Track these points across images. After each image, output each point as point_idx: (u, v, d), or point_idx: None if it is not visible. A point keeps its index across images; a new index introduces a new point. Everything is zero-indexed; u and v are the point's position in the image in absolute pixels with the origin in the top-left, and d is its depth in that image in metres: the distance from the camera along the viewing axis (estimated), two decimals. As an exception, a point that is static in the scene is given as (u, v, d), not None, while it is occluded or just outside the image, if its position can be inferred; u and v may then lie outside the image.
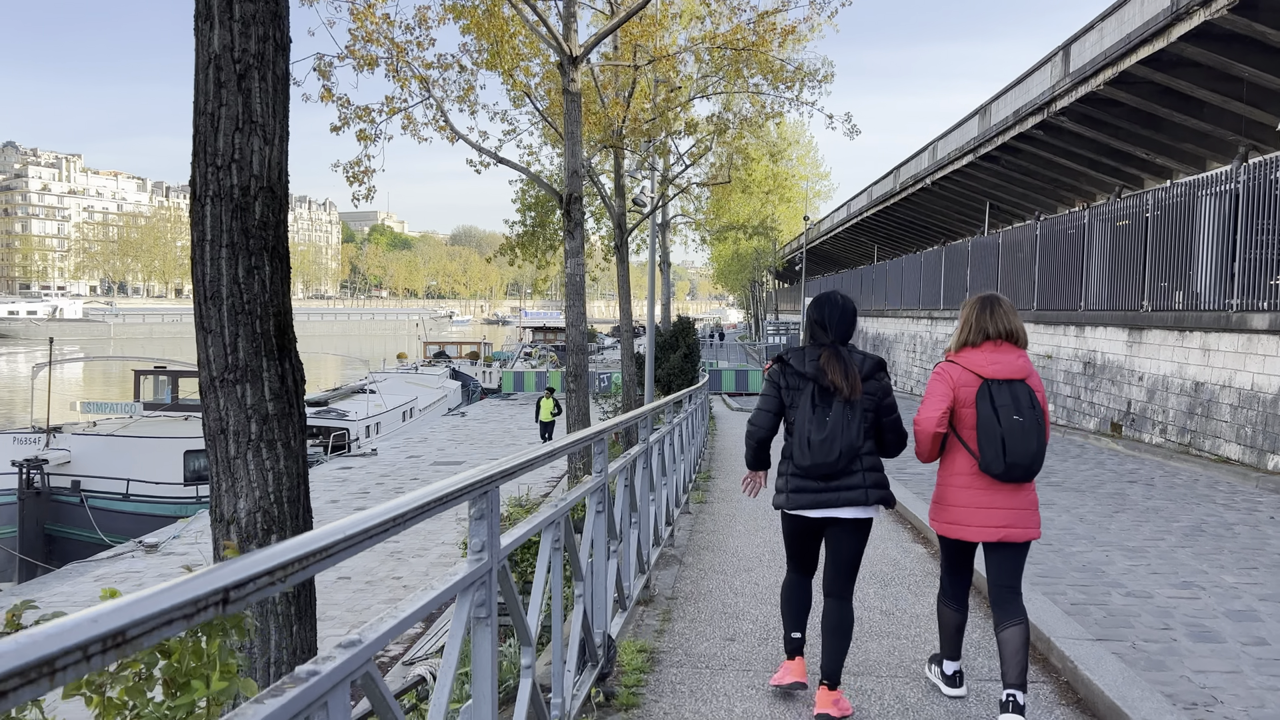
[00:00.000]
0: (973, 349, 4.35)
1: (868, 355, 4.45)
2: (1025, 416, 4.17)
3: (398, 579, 13.42)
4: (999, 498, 4.23)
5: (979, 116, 29.23)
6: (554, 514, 3.55)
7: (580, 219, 11.67)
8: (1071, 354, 19.96)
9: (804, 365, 4.34)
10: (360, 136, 13.19)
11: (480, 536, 2.58)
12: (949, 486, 4.37)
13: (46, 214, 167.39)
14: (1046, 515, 9.94)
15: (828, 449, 4.18)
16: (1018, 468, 4.16)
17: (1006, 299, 4.50)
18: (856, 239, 55.33)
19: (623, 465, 4.85)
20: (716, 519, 9.21)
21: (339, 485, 20.84)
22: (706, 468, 13.51)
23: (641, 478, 5.57)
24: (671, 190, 22.64)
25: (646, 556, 5.70)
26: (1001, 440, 4.12)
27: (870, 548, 6.40)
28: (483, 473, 2.53)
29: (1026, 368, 4.33)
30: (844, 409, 4.23)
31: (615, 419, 4.95)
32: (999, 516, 4.22)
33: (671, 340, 31.29)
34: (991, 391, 4.20)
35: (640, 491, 5.51)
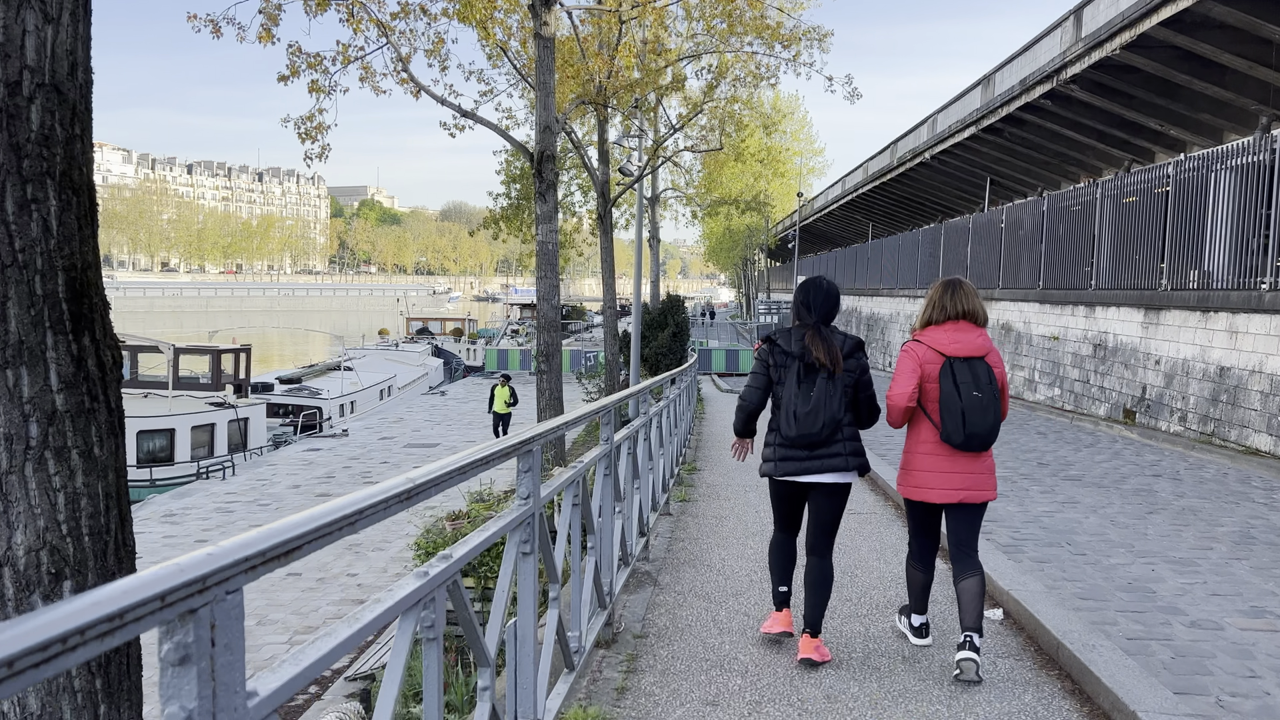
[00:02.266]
0: (936, 327, 4.72)
1: (848, 336, 4.81)
2: (984, 393, 4.55)
3: (353, 576, 12.28)
4: (959, 463, 4.65)
5: (982, 87, 27.99)
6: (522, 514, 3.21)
7: (554, 180, 10.44)
8: (1080, 335, 18.87)
9: (790, 344, 4.73)
10: (312, 88, 11.90)
11: (527, 486, 3.04)
12: (914, 454, 4.77)
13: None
14: (1072, 515, 8.86)
15: (812, 420, 4.58)
16: (976, 438, 4.56)
17: (969, 282, 4.86)
18: (851, 216, 54.09)
19: (572, 478, 3.69)
20: (701, 523, 8.04)
21: (304, 469, 19.66)
22: (692, 457, 12.34)
23: (603, 486, 4.41)
24: (661, 157, 21.42)
25: (611, 585, 4.54)
26: (962, 414, 4.52)
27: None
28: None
29: (986, 346, 4.67)
30: (826, 384, 4.62)
31: (565, 416, 3.82)
32: (958, 480, 4.65)
33: (660, 318, 30.12)
34: (954, 369, 4.57)
35: (602, 506, 4.36)
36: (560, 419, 3.59)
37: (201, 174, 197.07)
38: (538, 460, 3.07)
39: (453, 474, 2.15)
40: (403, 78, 12.34)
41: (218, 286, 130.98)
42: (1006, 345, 22.82)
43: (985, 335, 4.72)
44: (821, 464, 4.65)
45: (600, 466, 4.37)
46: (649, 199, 34.92)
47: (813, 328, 4.74)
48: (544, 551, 3.16)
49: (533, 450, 3.02)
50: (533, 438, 2.97)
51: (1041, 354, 20.79)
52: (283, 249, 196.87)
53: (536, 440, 3.02)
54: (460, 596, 2.31)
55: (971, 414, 4.52)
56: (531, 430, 3.05)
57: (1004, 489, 10.36)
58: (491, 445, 2.61)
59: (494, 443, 2.67)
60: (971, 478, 4.68)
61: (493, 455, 2.51)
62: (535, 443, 3.01)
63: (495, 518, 2.81)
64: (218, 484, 18.39)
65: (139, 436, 18.77)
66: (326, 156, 12.43)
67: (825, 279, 4.94)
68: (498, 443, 2.69)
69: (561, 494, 3.51)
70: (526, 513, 2.98)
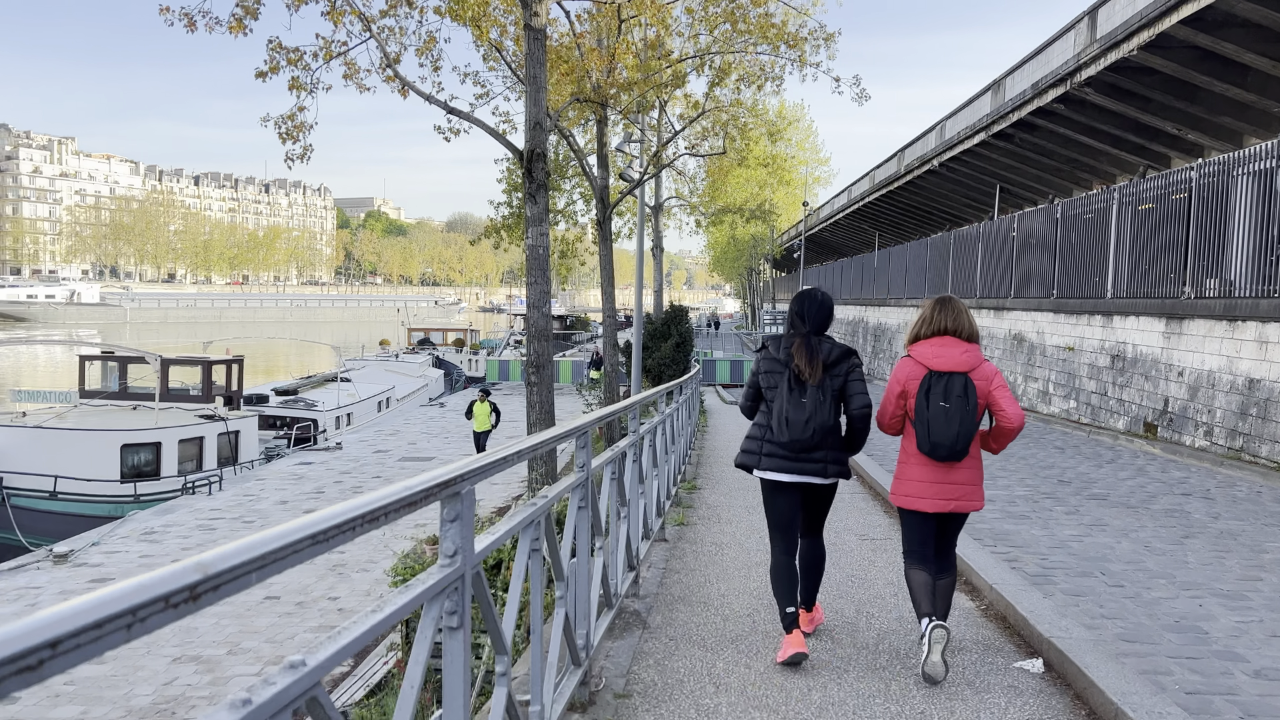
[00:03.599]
0: (924, 341, 4.92)
1: (837, 344, 4.95)
2: (951, 404, 4.68)
3: (334, 600, 11.61)
4: (944, 473, 4.78)
5: (992, 92, 27.37)
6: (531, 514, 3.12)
7: (544, 180, 9.81)
8: (1097, 346, 18.18)
9: (779, 352, 4.92)
10: (293, 85, 11.30)
11: (453, 540, 2.36)
12: (905, 464, 4.93)
13: (38, 196, 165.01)
14: (1102, 540, 8.18)
15: (804, 427, 4.72)
16: (941, 448, 4.69)
17: (960, 300, 5.08)
18: (857, 226, 53.48)
19: (530, 517, 3.03)
20: (700, 550, 7.35)
21: (294, 483, 19.02)
22: (693, 474, 11.66)
23: (578, 521, 3.76)
24: (663, 161, 20.76)
25: (588, 638, 3.86)
26: (928, 424, 4.69)
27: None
28: (451, 472, 2.30)
29: (971, 362, 4.80)
30: (816, 391, 4.76)
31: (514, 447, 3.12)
32: (948, 490, 4.79)
33: (663, 328, 29.44)
34: (930, 383, 4.74)
35: (577, 544, 3.70)
36: (493, 454, 2.85)
37: (208, 185, 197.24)
38: (469, 505, 2.35)
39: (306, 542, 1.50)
40: (389, 75, 11.73)
41: (230, 298, 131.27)
42: (1019, 356, 22.14)
43: (974, 351, 4.88)
44: (803, 467, 4.85)
45: (575, 497, 3.72)
46: (652, 207, 34.29)
47: (803, 337, 4.92)
48: (486, 618, 2.49)
49: (461, 493, 2.30)
50: (459, 477, 2.26)
51: (1056, 365, 20.10)
52: (289, 260, 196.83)
53: (467, 479, 2.31)
54: (482, 587, 2.36)
55: (935, 424, 4.69)
56: (459, 466, 2.30)
57: (1025, 509, 9.70)
58: (397, 491, 1.96)
59: (399, 489, 1.99)
60: (960, 488, 4.83)
61: (392, 506, 1.88)
62: (465, 483, 2.31)
63: (403, 588, 2.14)
64: (203, 499, 17.76)
65: (123, 450, 18.16)
66: (309, 158, 11.82)
67: (820, 290, 5.14)
68: (405, 488, 2.01)
69: (517, 537, 2.86)
70: (450, 577, 2.27)
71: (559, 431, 3.59)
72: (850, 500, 10.11)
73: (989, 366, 4.89)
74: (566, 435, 3.64)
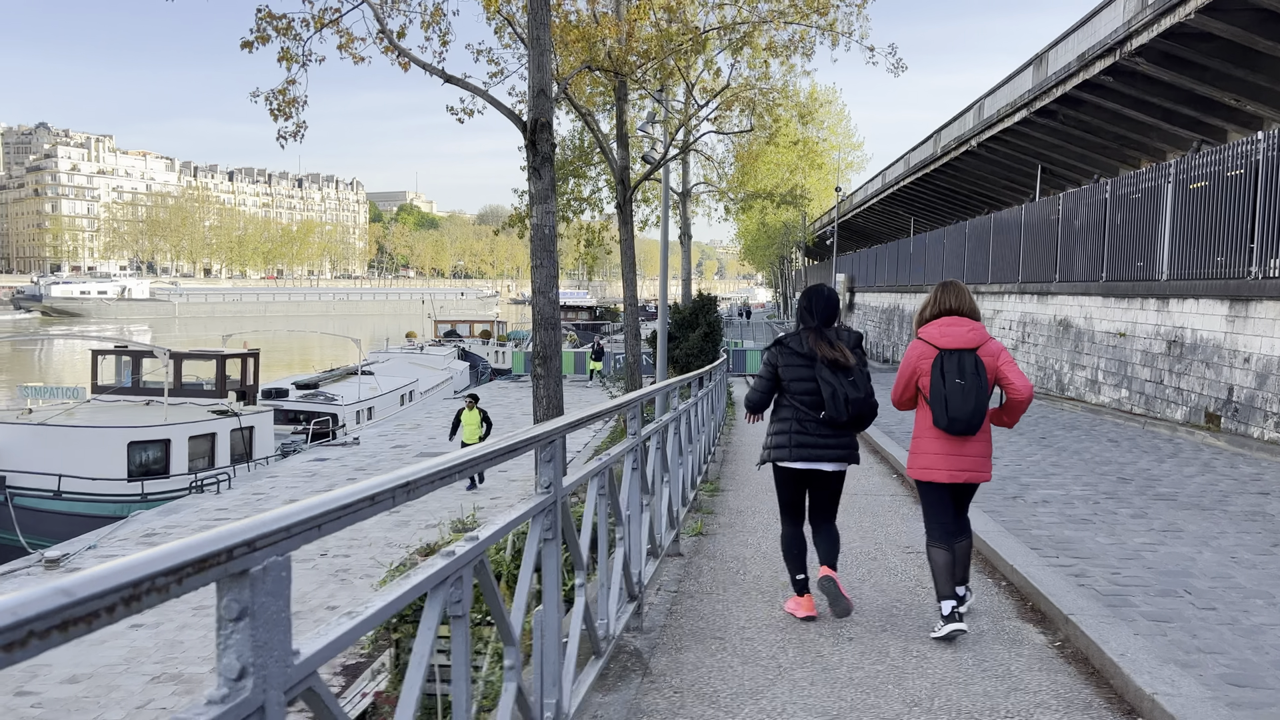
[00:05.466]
0: (931, 323, 5.21)
1: (849, 331, 5.42)
2: (966, 381, 4.95)
3: (333, 609, 10.84)
4: (958, 446, 5.06)
5: (1034, 67, 26.10)
6: None
7: (549, 153, 8.92)
8: (1151, 331, 17.02)
9: (801, 345, 5.36)
10: (283, 56, 10.51)
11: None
12: (920, 439, 5.21)
13: (76, 194, 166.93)
14: (1180, 549, 7.19)
15: (863, 403, 5.23)
16: (958, 422, 4.96)
17: (961, 283, 5.40)
18: (892, 211, 52.12)
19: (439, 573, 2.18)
20: (718, 567, 6.39)
21: (306, 481, 18.33)
22: (716, 474, 10.72)
23: (545, 556, 2.88)
24: (687, 135, 19.79)
25: (557, 710, 2.94)
26: (945, 400, 4.95)
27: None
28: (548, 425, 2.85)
29: (978, 339, 5.08)
30: (858, 374, 5.28)
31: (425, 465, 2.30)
32: (960, 462, 5.08)
33: (691, 318, 28.55)
34: (943, 360, 5.01)
35: (545, 589, 2.83)
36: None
37: (242, 181, 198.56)
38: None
39: None
40: (386, 46, 10.90)
41: (274, 292, 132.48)
42: (1065, 343, 20.98)
43: (979, 329, 5.14)
44: (836, 452, 5.27)
45: (537, 527, 2.84)
46: (679, 194, 33.31)
47: (814, 330, 5.34)
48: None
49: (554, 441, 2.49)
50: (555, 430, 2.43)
51: (1106, 352, 18.94)
52: (322, 254, 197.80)
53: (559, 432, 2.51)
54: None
55: (953, 400, 4.92)
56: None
57: (1086, 512, 8.71)
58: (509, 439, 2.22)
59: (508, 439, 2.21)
60: (971, 460, 5.08)
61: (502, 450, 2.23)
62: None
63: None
64: (210, 498, 17.10)
65: (130, 448, 17.55)
66: (302, 135, 11.00)
67: (826, 287, 5.59)
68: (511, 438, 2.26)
69: (426, 598, 2.00)
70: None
71: (508, 442, 2.71)
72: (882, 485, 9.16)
73: (995, 343, 5.14)
74: (529, 443, 2.75)
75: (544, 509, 2.86)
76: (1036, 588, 5.41)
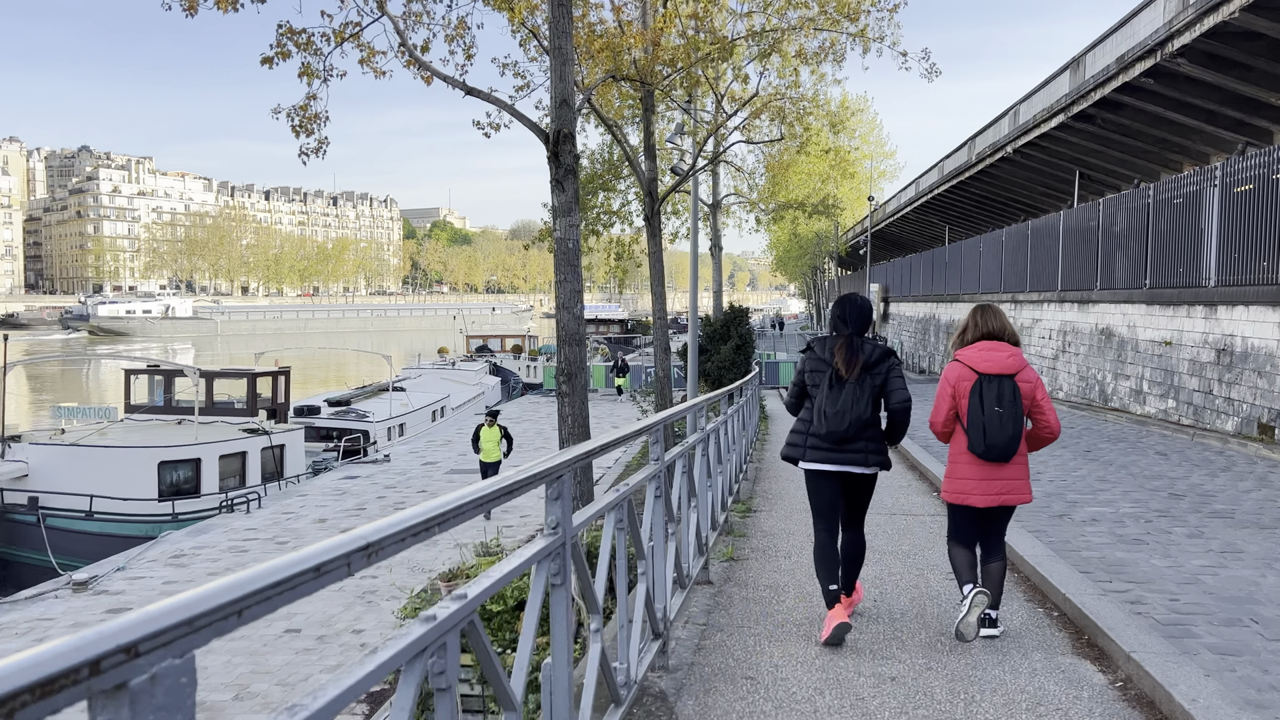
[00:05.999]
0: (970, 347, 5.29)
1: (878, 345, 5.36)
2: (1005, 409, 5.00)
3: (359, 632, 10.63)
4: (994, 471, 5.08)
5: (1071, 71, 25.57)
6: None
7: (572, 166, 8.69)
8: (1199, 339, 16.47)
9: (824, 352, 5.41)
10: (303, 72, 10.39)
11: (555, 514, 2.67)
12: (955, 463, 5.23)
13: (117, 215, 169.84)
14: (1242, 572, 6.77)
15: (839, 419, 5.13)
16: (994, 449, 5.00)
17: (997, 306, 5.50)
18: (926, 220, 51.49)
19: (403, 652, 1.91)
20: (750, 597, 6.01)
21: (335, 499, 18.19)
22: (748, 493, 10.38)
23: (553, 603, 2.61)
24: (716, 145, 19.47)
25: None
26: (983, 427, 5.01)
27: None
28: (554, 460, 2.57)
29: (1016, 365, 5.13)
30: (854, 388, 5.18)
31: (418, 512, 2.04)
32: (995, 486, 5.09)
33: (722, 330, 28.20)
34: (982, 386, 5.06)
35: (553, 645, 2.55)
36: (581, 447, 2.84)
37: (278, 200, 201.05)
38: (568, 487, 2.52)
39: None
40: (409, 60, 10.74)
41: (314, 309, 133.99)
42: (1108, 353, 20.42)
43: (1018, 355, 5.18)
44: (844, 456, 5.22)
45: (543, 572, 2.57)
46: (709, 205, 33.02)
47: (846, 338, 5.33)
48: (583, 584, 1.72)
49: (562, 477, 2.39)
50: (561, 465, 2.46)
51: (1150, 361, 18.38)
52: (357, 271, 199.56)
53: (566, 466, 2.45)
54: (479, 639, 2.08)
55: (990, 427, 4.98)
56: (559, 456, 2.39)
57: (1138, 531, 8.29)
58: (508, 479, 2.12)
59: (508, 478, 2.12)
60: (1007, 484, 5.10)
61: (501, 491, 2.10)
62: (565, 469, 2.45)
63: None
64: (240, 518, 17.01)
65: (160, 467, 17.52)
66: (324, 151, 10.87)
67: (860, 296, 5.53)
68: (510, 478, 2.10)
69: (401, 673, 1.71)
70: (554, 544, 2.48)
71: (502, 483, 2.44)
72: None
73: (1031, 370, 5.20)
74: (524, 484, 2.48)
75: (551, 552, 2.58)
76: (1093, 620, 5.05)
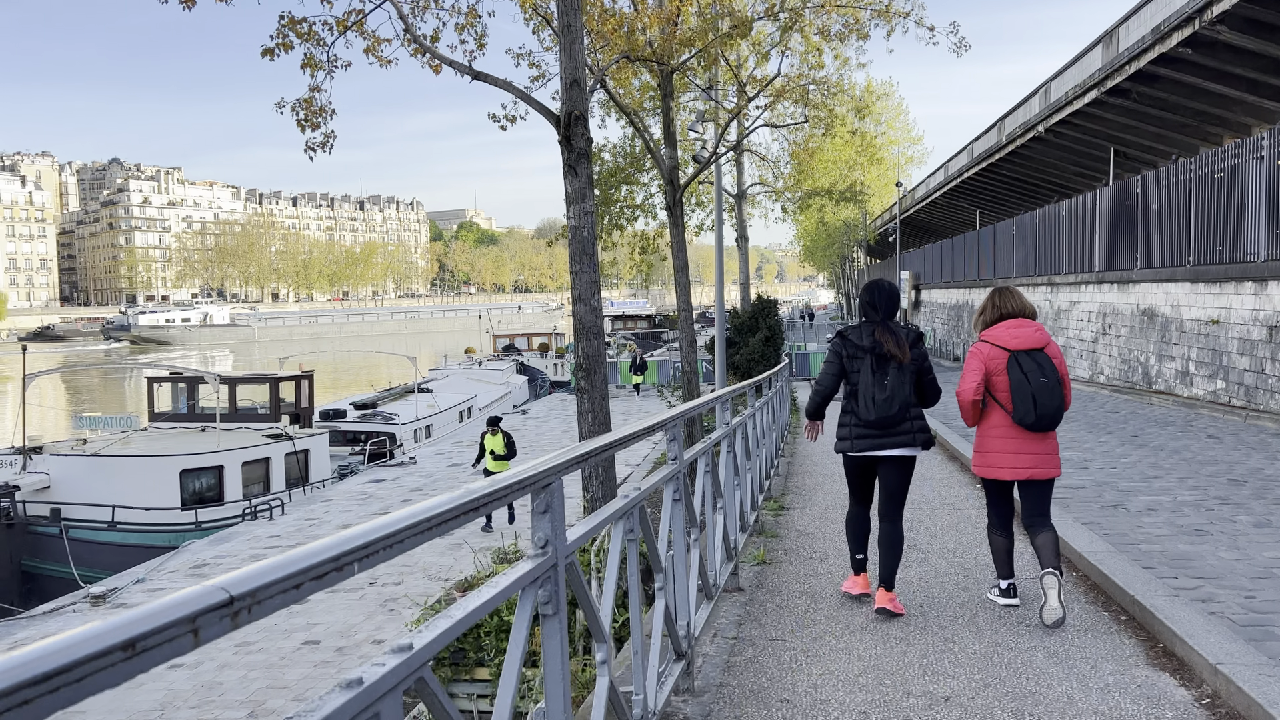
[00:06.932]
0: (995, 326, 5.43)
1: (910, 328, 5.57)
2: (1049, 378, 5.18)
3: (379, 643, 10.25)
4: (1026, 444, 5.26)
5: (1104, 44, 24.78)
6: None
7: (585, 149, 8.25)
8: (1249, 317, 15.77)
9: (861, 339, 5.49)
10: (306, 63, 10.03)
11: (544, 531, 2.28)
12: (987, 437, 5.41)
13: (148, 225, 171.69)
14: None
15: (889, 405, 5.32)
16: (1045, 418, 5.16)
17: (1014, 287, 5.65)
18: (956, 205, 50.59)
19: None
20: (785, 605, 5.52)
21: (360, 504, 17.89)
22: (780, 489, 9.88)
23: (549, 646, 2.17)
24: (739, 127, 18.91)
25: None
26: (1033, 398, 5.13)
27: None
28: (540, 466, 2.24)
29: (1043, 339, 5.33)
30: (898, 372, 5.36)
31: None
32: (1026, 460, 5.26)
33: (750, 322, 27.64)
34: (1019, 360, 5.21)
35: (546, 684, 2.12)
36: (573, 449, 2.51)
37: (306, 205, 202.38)
38: (559, 498, 2.14)
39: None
40: (415, 48, 10.34)
41: (349, 313, 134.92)
42: (1151, 334, 19.70)
43: (1042, 329, 5.33)
44: (894, 440, 5.39)
45: (528, 600, 2.13)
46: (734, 195, 32.47)
47: (880, 324, 5.49)
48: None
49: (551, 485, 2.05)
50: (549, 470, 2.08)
51: (1197, 341, 17.66)
52: (385, 274, 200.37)
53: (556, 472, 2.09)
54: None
55: (1041, 397, 5.11)
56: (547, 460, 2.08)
57: (1199, 521, 7.72)
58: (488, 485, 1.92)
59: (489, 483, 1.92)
60: (1038, 457, 5.26)
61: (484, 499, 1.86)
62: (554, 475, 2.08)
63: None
64: (263, 525, 16.74)
65: (182, 475, 17.29)
66: (331, 146, 10.50)
67: (887, 281, 5.73)
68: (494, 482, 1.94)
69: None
70: (543, 566, 2.11)
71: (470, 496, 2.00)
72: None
73: (1055, 344, 5.38)
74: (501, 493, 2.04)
75: (539, 577, 2.14)
76: (1168, 625, 4.53)
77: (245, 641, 10.57)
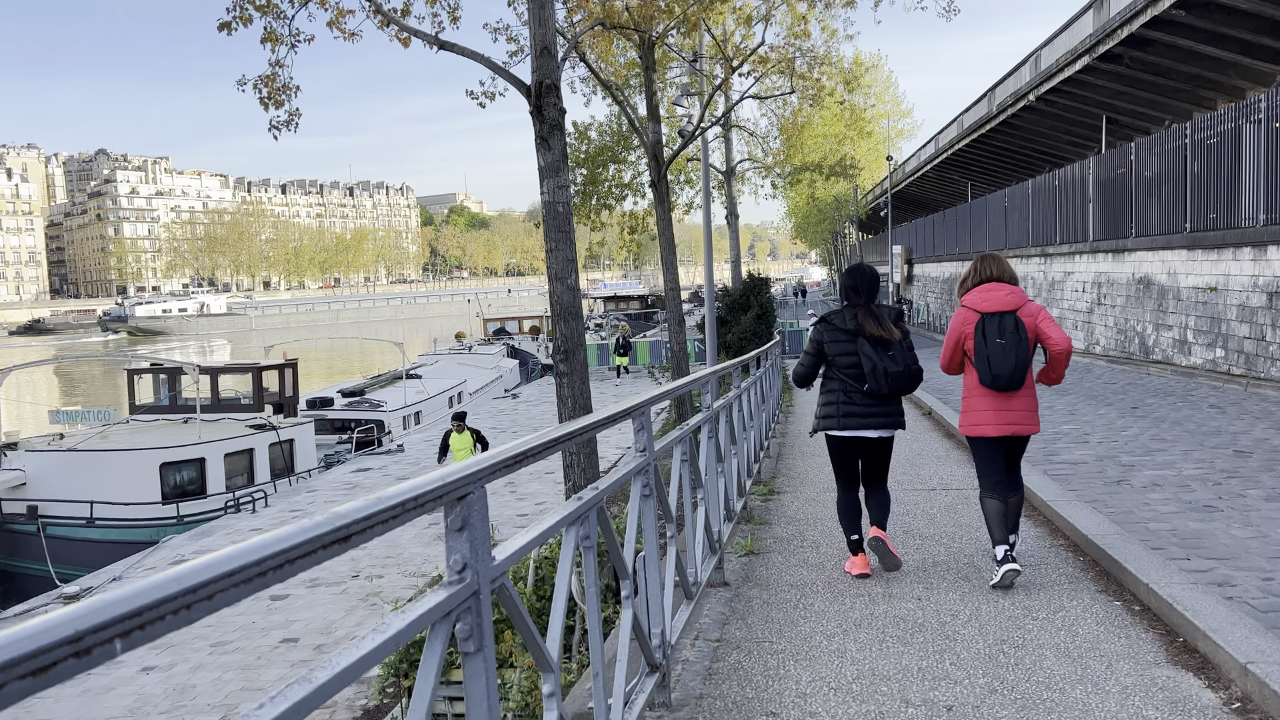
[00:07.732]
0: (973, 290, 5.61)
1: (891, 307, 5.83)
2: (1006, 340, 5.36)
3: (359, 640, 9.91)
4: (1004, 402, 5.46)
5: (1094, 9, 24.30)
6: None
7: (558, 120, 7.82)
8: (1248, 283, 15.42)
9: (845, 323, 5.70)
10: (267, 38, 9.58)
11: (461, 553, 1.87)
12: (968, 398, 5.63)
13: (136, 216, 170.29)
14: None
15: (901, 377, 5.57)
16: (1001, 378, 5.35)
17: (998, 254, 5.81)
18: (947, 177, 50.09)
19: None
20: (774, 600, 5.13)
21: (346, 493, 17.52)
22: (770, 472, 9.52)
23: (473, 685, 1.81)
24: (724, 97, 18.43)
25: None
26: (988, 359, 5.36)
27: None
28: (454, 473, 1.82)
29: (1016, 302, 5.48)
30: (899, 347, 5.60)
31: None
32: (1006, 416, 5.47)
33: (742, 300, 27.31)
34: (984, 323, 5.42)
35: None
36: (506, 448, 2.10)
37: (295, 193, 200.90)
38: (480, 511, 1.83)
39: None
40: (381, 20, 9.88)
41: (345, 300, 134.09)
42: (1147, 302, 19.36)
43: (1018, 292, 5.51)
44: (881, 420, 5.63)
45: (436, 641, 1.76)
46: (724, 172, 31.98)
47: (863, 307, 5.67)
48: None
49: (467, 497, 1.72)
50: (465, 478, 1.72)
51: (1194, 309, 17.33)
52: (377, 260, 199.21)
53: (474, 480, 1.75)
54: (510, 598, 2.07)
55: (995, 358, 5.33)
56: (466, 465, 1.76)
57: (1208, 496, 7.38)
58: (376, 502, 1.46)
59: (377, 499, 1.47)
60: (1017, 414, 5.46)
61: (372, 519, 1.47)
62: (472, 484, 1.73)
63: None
64: (246, 518, 16.36)
65: (162, 469, 16.88)
66: (296, 125, 10.05)
67: (866, 265, 6.00)
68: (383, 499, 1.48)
69: None
70: (460, 594, 1.76)
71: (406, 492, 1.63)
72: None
73: (1034, 304, 5.52)
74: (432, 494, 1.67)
75: (454, 609, 1.77)
76: (1189, 618, 4.17)
77: (221, 641, 10.22)
